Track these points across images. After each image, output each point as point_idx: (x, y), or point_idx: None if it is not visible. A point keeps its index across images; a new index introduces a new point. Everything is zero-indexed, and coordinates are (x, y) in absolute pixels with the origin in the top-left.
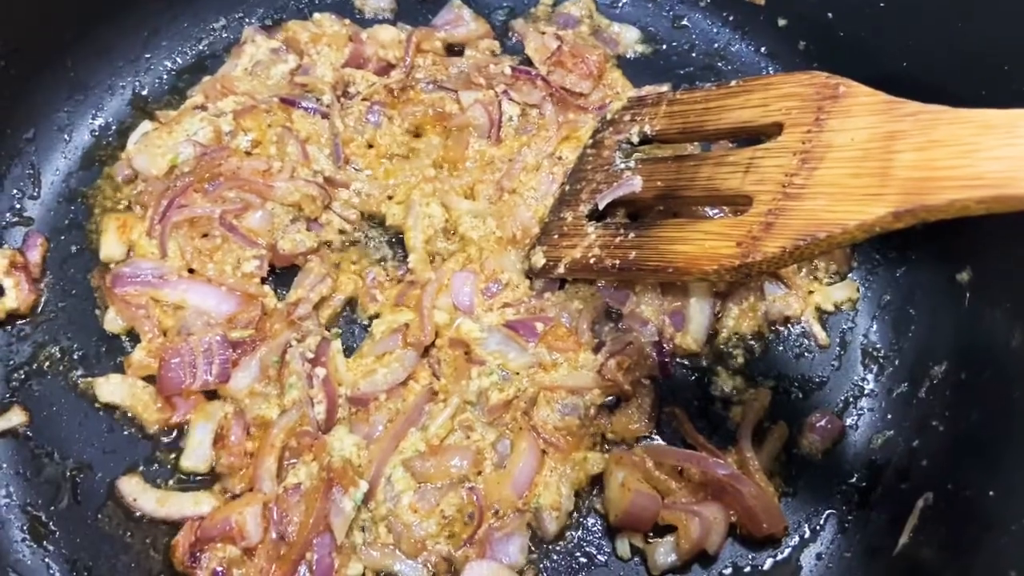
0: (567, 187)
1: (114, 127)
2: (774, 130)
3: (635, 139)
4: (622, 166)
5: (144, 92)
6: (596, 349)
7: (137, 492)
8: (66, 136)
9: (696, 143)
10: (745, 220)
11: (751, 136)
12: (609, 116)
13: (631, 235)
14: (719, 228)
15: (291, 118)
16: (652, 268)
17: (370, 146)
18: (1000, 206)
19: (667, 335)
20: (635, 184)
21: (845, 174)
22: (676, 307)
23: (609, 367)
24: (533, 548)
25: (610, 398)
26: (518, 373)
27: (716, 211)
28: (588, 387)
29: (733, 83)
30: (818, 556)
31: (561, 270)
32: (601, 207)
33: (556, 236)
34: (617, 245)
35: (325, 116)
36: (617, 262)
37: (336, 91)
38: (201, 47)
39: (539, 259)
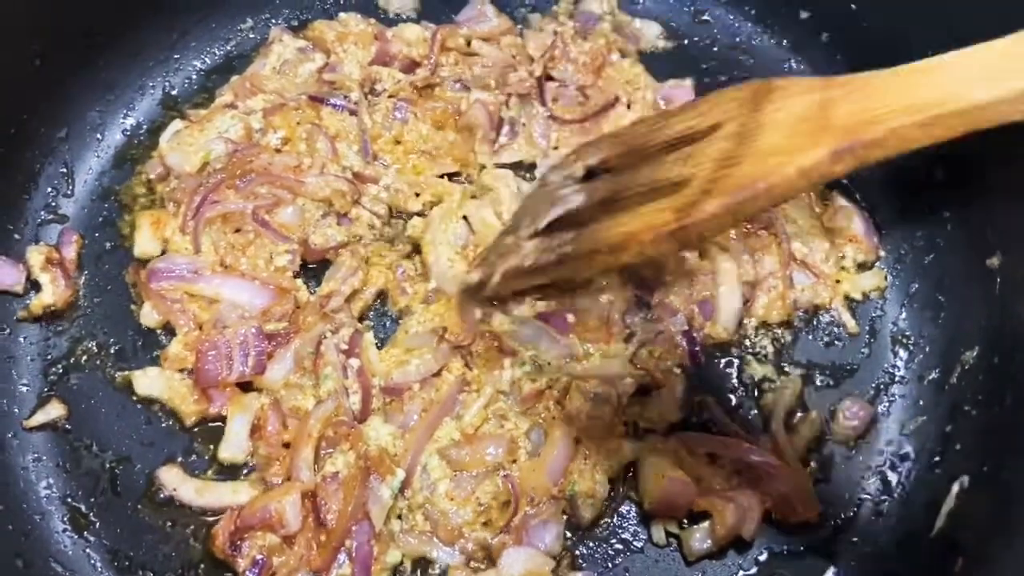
0: (509, 222)
1: (145, 126)
2: (713, 132)
3: (579, 173)
4: (566, 192)
5: (174, 92)
6: (627, 339)
7: (177, 482)
8: (99, 135)
9: None
10: (684, 193)
11: (691, 143)
12: (553, 163)
13: (569, 235)
14: (658, 205)
15: (320, 115)
16: (587, 252)
17: (398, 142)
18: (940, 130)
19: (697, 324)
20: (576, 199)
21: (781, 137)
22: (705, 296)
23: (640, 356)
24: (569, 535)
25: (641, 387)
26: (550, 363)
27: None
28: (620, 376)
29: (675, 106)
30: (853, 541)
31: (496, 280)
32: (541, 227)
33: (493, 257)
34: (555, 246)
35: (353, 113)
36: (553, 257)
37: (363, 88)
38: (229, 47)
39: (474, 276)
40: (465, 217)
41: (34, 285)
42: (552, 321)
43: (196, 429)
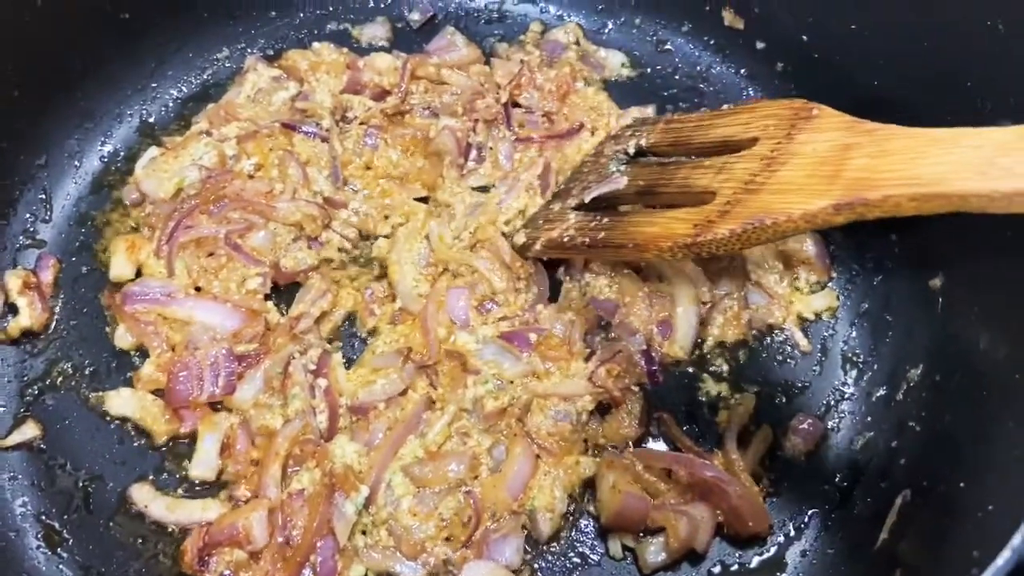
0: (563, 185)
1: (122, 153)
2: (751, 144)
3: (631, 150)
4: (613, 169)
5: (151, 120)
6: (588, 358)
7: (148, 499)
8: (76, 162)
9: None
10: (706, 208)
11: (732, 149)
12: (613, 132)
13: (604, 220)
14: (682, 214)
15: (292, 142)
16: (616, 245)
17: (368, 168)
18: (928, 205)
19: (655, 344)
20: (620, 182)
21: (801, 175)
22: (663, 317)
23: (599, 375)
24: (528, 549)
25: (601, 404)
26: (512, 382)
27: None
28: (579, 394)
29: (725, 107)
30: (802, 553)
31: (537, 248)
32: (587, 200)
33: (540, 222)
34: (591, 228)
35: (324, 140)
36: (587, 240)
37: (335, 116)
38: (205, 76)
39: (520, 238)
40: (428, 236)
41: (11, 308)
42: (515, 341)
43: (167, 448)
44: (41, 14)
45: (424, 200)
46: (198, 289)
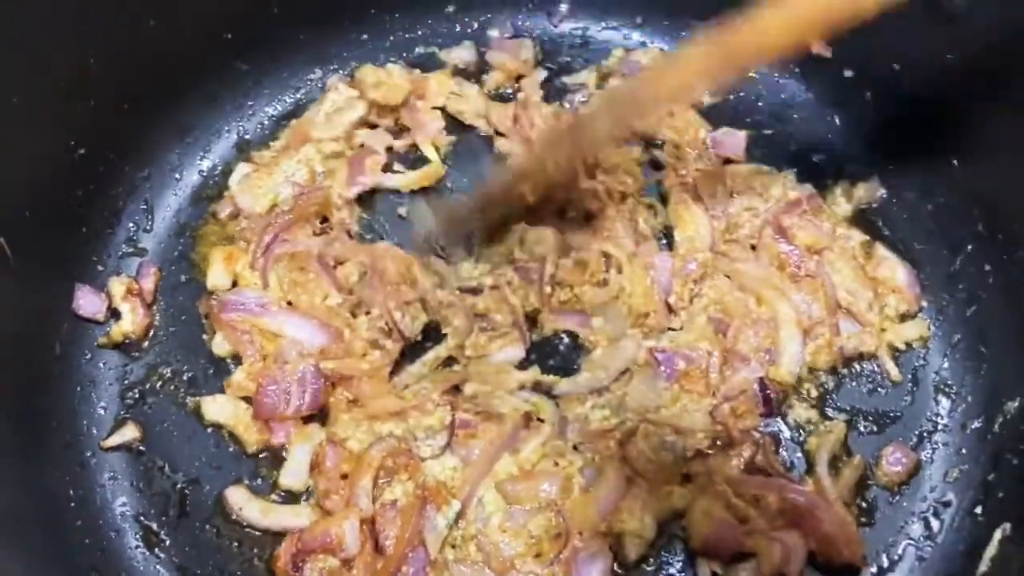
0: None
1: (220, 168)
2: None
3: None
4: None
5: (247, 136)
6: (713, 393)
7: (243, 502)
8: (177, 176)
9: None
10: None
11: None
12: None
13: None
14: None
15: None
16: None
17: None
18: None
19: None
20: None
21: None
22: (768, 344)
23: (722, 411)
24: (617, 569)
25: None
26: (634, 407)
27: None
28: (696, 429)
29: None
30: None
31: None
32: None
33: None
34: None
35: None
36: None
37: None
38: (298, 95)
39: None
40: None
41: (114, 314)
42: (663, 364)
43: (261, 455)
44: (153, 34)
45: None
46: (289, 303)
